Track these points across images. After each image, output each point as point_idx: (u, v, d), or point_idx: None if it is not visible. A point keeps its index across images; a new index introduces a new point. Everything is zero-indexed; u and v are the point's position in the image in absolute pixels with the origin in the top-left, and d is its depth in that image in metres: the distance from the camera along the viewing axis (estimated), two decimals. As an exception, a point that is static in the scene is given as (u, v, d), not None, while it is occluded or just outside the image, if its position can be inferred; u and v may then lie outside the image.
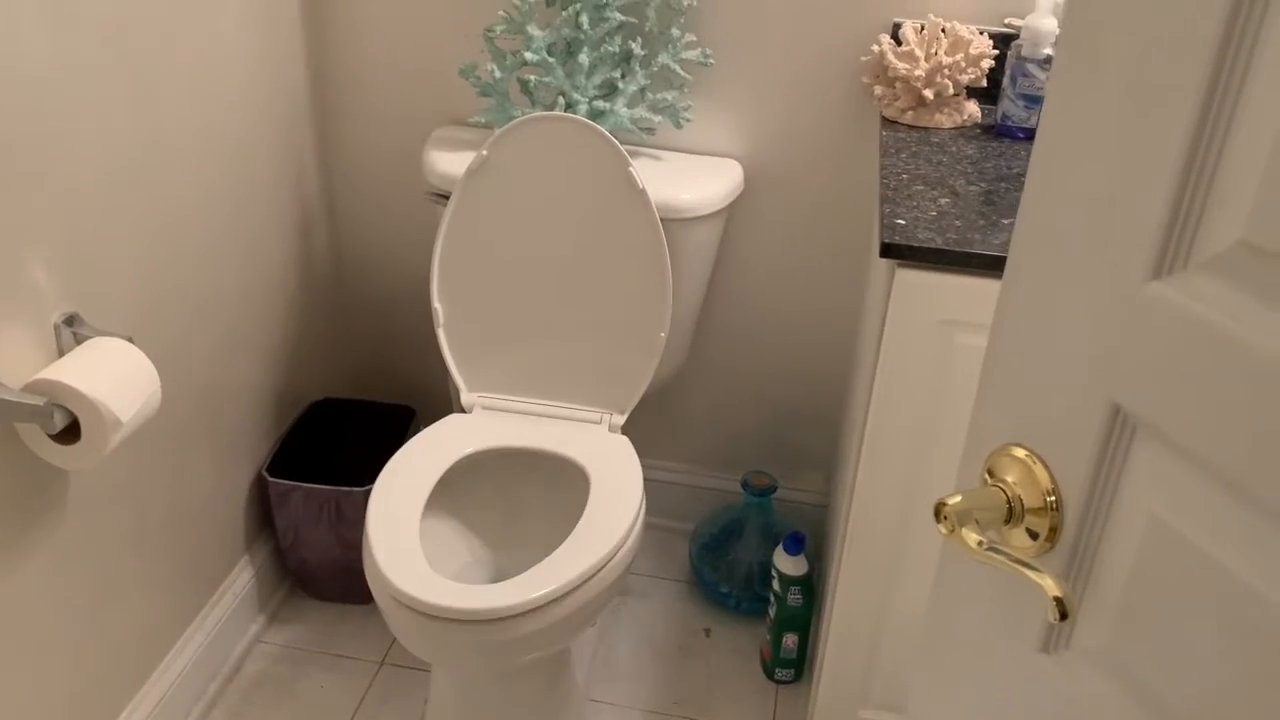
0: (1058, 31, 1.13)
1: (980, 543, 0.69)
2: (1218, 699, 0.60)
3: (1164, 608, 0.63)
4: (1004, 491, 0.72)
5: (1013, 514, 0.72)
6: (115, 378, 1.23)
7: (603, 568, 1.42)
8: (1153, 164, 0.59)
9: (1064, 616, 0.66)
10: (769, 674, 1.85)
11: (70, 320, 1.29)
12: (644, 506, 1.55)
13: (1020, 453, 0.71)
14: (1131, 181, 0.61)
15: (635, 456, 1.61)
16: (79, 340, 1.29)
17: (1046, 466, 0.70)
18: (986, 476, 0.74)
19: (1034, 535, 0.71)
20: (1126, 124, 0.61)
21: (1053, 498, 0.69)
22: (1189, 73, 0.57)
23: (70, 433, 1.21)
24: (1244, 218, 0.56)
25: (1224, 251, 0.57)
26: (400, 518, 1.46)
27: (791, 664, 1.82)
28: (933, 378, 1.32)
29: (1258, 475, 0.56)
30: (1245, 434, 0.56)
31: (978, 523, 0.70)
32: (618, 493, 1.53)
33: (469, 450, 1.61)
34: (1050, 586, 0.66)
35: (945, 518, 0.70)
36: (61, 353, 1.28)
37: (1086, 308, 0.65)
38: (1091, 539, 0.68)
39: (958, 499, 0.70)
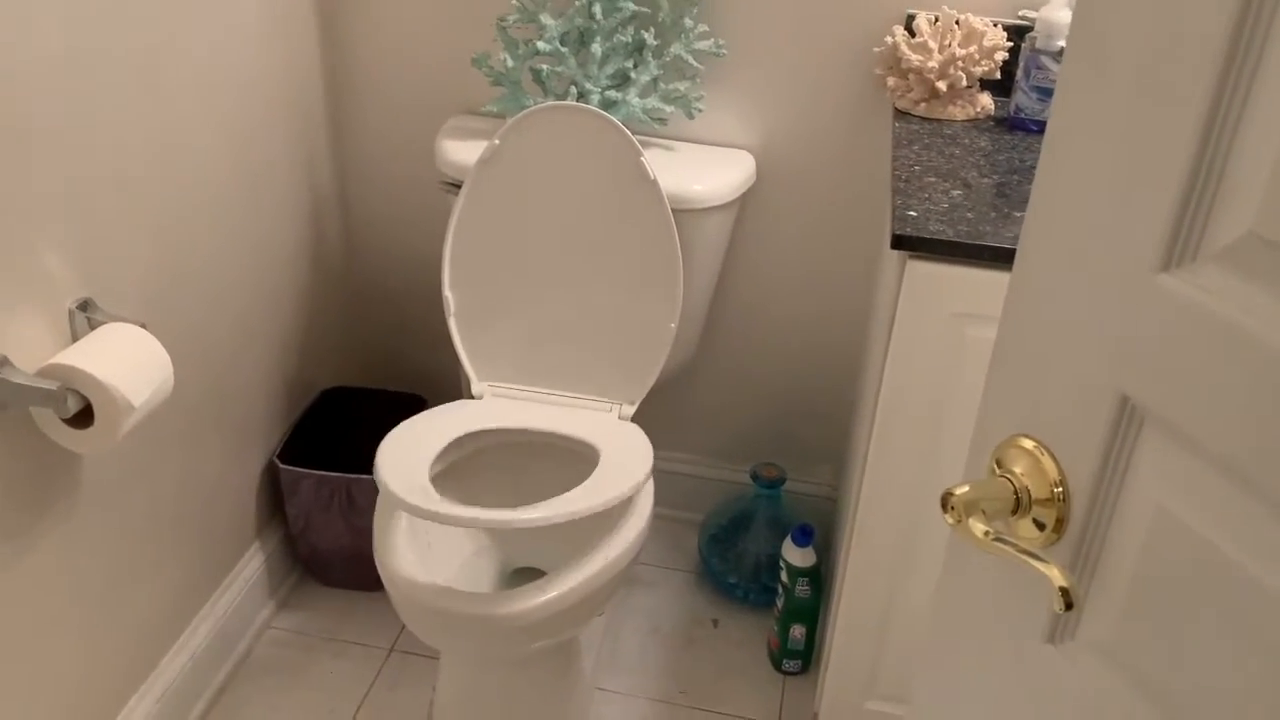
0: (1072, 23, 1.13)
1: (987, 533, 0.69)
2: (1222, 691, 0.60)
3: (1170, 600, 0.63)
4: (1011, 482, 0.72)
5: (1020, 505, 0.72)
6: (128, 363, 1.24)
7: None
8: (1163, 156, 0.59)
9: (1069, 607, 0.66)
10: (776, 665, 1.85)
11: (84, 306, 1.30)
12: (653, 492, 1.55)
13: (1028, 443, 0.71)
14: (1141, 173, 0.61)
15: (646, 441, 1.60)
16: (93, 326, 1.30)
17: (1054, 457, 0.70)
18: (994, 467, 0.74)
19: (1041, 526, 0.71)
20: (1137, 117, 0.61)
21: (1060, 489, 0.69)
22: (1200, 67, 0.56)
23: (83, 417, 1.22)
24: (1254, 210, 0.56)
25: (1234, 243, 0.57)
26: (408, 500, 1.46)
27: (799, 655, 1.82)
28: (943, 371, 1.31)
29: (1266, 468, 0.56)
30: (1253, 426, 0.56)
31: (984, 513, 0.70)
32: (627, 475, 1.52)
33: (478, 426, 1.61)
34: (1056, 576, 0.66)
35: (952, 507, 0.70)
36: (75, 338, 1.29)
37: (1096, 299, 0.65)
38: (1098, 530, 0.68)
39: (965, 489, 0.70)
